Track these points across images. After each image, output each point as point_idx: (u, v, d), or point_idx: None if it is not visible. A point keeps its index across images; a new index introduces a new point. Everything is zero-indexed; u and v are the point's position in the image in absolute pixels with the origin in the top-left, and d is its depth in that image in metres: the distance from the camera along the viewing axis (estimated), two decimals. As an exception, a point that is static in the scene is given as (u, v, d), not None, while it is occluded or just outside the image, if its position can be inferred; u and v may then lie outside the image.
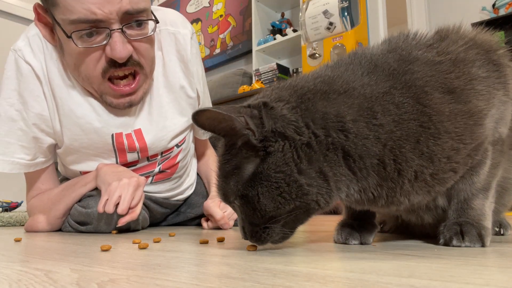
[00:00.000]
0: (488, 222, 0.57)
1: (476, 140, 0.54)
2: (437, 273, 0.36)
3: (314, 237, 0.76)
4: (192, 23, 3.88)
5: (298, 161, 0.48)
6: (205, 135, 1.22)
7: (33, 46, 0.94)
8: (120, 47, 0.83)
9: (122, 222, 0.87)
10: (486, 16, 2.87)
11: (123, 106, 0.93)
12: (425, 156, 0.51)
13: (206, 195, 1.24)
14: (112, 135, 0.98)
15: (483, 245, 0.54)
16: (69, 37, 0.82)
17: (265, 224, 0.51)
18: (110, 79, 0.90)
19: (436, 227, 0.59)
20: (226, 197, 0.53)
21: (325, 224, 1.25)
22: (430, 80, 0.53)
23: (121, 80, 0.90)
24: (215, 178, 0.55)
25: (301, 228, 1.07)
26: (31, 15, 0.93)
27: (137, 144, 1.01)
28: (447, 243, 0.54)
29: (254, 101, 0.51)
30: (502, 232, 0.71)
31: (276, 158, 0.48)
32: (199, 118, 0.48)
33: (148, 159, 1.05)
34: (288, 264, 0.42)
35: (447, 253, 0.49)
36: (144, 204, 1.09)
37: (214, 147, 1.32)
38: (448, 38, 0.58)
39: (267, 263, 0.43)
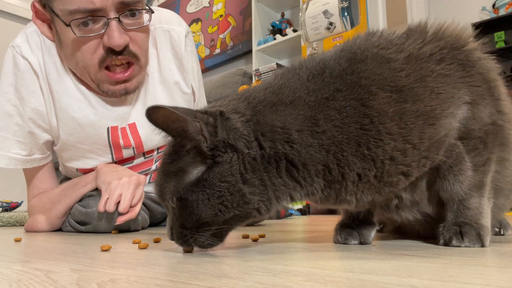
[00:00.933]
0: (486, 221, 0.56)
1: (428, 140, 0.51)
2: (437, 273, 0.36)
3: (314, 237, 0.76)
4: (192, 23, 3.87)
5: (244, 172, 0.49)
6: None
7: (31, 42, 0.95)
8: (117, 36, 0.84)
9: (120, 220, 0.87)
10: (486, 16, 2.87)
11: (119, 93, 0.94)
12: (367, 158, 0.50)
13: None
14: (108, 128, 0.99)
15: (482, 245, 0.53)
16: (68, 25, 0.83)
17: (197, 229, 0.51)
18: (107, 67, 0.91)
19: (428, 228, 0.61)
20: (162, 195, 0.53)
21: (325, 224, 1.25)
22: (377, 79, 0.51)
23: (117, 67, 0.91)
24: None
25: (301, 228, 1.08)
26: (31, 15, 0.93)
27: (131, 139, 1.01)
28: (446, 244, 0.54)
29: (211, 108, 0.52)
30: (502, 232, 0.71)
31: (222, 169, 0.49)
32: (154, 114, 0.48)
33: (144, 155, 1.06)
34: (288, 264, 0.42)
35: (447, 253, 0.49)
36: (144, 204, 1.09)
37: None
38: (412, 36, 0.56)
39: (267, 263, 0.43)
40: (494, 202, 0.62)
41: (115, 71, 0.91)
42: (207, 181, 0.49)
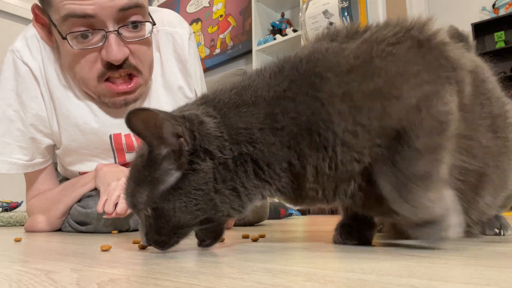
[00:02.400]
0: (447, 214, 0.50)
1: (376, 121, 0.48)
2: (437, 273, 0.36)
3: (314, 237, 0.76)
4: (192, 23, 3.88)
5: (215, 181, 0.49)
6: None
7: (31, 47, 0.94)
8: (115, 50, 0.82)
9: (107, 216, 0.86)
10: (486, 16, 2.87)
11: (119, 104, 0.93)
12: (319, 147, 0.49)
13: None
14: (110, 135, 0.98)
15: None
16: (64, 38, 0.82)
17: (174, 234, 0.51)
18: (107, 79, 0.89)
19: None
20: (134, 205, 0.52)
21: (325, 224, 1.25)
22: (329, 65, 0.50)
23: (117, 79, 0.90)
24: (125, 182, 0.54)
25: (301, 228, 1.08)
26: (31, 15, 0.93)
27: (135, 144, 1.01)
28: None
29: (186, 111, 0.51)
30: (502, 233, 0.71)
31: (198, 177, 0.48)
32: (134, 118, 0.46)
33: None
34: (288, 264, 0.42)
35: (447, 253, 0.49)
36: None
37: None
38: (372, 28, 0.54)
39: (267, 263, 0.43)
40: (482, 196, 0.59)
41: (116, 83, 0.89)
42: (183, 189, 0.48)
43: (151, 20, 0.89)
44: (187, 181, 0.48)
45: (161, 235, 0.51)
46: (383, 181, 0.50)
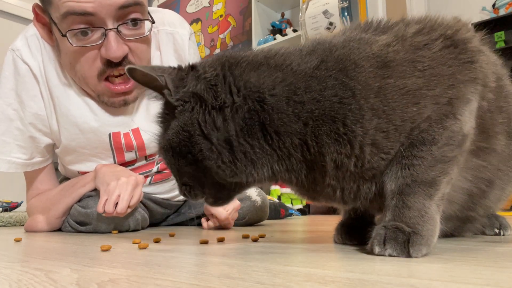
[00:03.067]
0: (427, 228, 0.47)
1: (409, 123, 0.48)
2: (437, 273, 0.36)
3: (314, 237, 0.76)
4: (192, 23, 3.88)
5: (203, 123, 0.48)
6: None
7: (31, 46, 0.94)
8: (115, 47, 0.83)
9: (108, 215, 0.87)
10: (486, 16, 2.87)
11: (118, 104, 0.94)
12: (342, 139, 0.47)
13: (206, 195, 1.24)
14: (109, 134, 0.98)
15: (408, 255, 0.45)
16: (64, 35, 0.82)
17: (182, 180, 0.54)
18: (107, 78, 0.90)
19: None
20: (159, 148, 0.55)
21: (325, 224, 1.25)
22: (365, 54, 0.49)
23: (116, 78, 0.90)
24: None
25: (301, 228, 1.08)
26: (31, 15, 0.93)
27: (134, 143, 1.01)
28: (371, 251, 0.48)
29: (183, 65, 0.53)
30: (502, 233, 0.71)
31: (184, 117, 0.49)
32: (132, 74, 0.52)
33: (146, 158, 1.06)
34: (288, 264, 0.42)
35: (447, 253, 0.49)
36: (144, 204, 1.09)
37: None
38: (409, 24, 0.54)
39: (267, 263, 0.43)
40: (488, 195, 0.60)
41: (114, 82, 0.90)
42: (174, 129, 0.50)
43: (150, 19, 0.89)
44: (176, 122, 0.50)
45: (174, 175, 0.54)
46: (389, 180, 0.50)
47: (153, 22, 0.90)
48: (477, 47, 0.53)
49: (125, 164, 1.03)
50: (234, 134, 0.48)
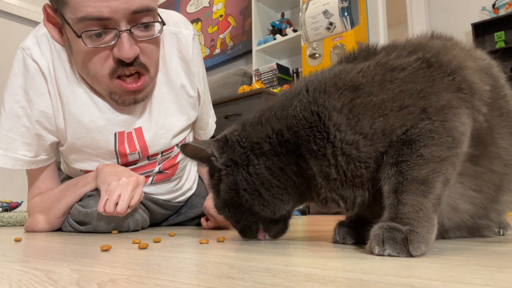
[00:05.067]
0: (423, 225, 0.47)
1: (380, 131, 0.52)
2: (437, 273, 0.36)
3: (314, 237, 0.76)
4: (192, 23, 3.87)
5: (241, 182, 0.61)
6: (205, 136, 1.23)
7: (41, 45, 0.95)
8: (127, 48, 0.84)
9: (107, 213, 0.87)
10: (486, 16, 2.87)
11: (128, 102, 0.94)
12: (318, 155, 0.56)
13: (206, 195, 1.24)
14: (115, 134, 0.99)
15: (408, 253, 0.46)
16: (79, 36, 0.83)
17: (240, 226, 0.67)
18: (118, 77, 0.91)
19: None
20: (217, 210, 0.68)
21: (325, 224, 1.25)
22: (337, 82, 0.56)
23: (127, 78, 0.91)
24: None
25: (301, 228, 1.08)
26: (31, 15, 0.93)
27: (137, 145, 1.01)
28: (371, 251, 0.48)
29: (219, 135, 0.66)
30: (502, 232, 0.71)
31: (229, 179, 0.62)
32: (185, 150, 0.66)
33: (148, 158, 1.06)
34: (288, 264, 0.42)
35: (447, 253, 0.49)
36: (144, 205, 1.09)
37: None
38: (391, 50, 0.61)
39: (267, 263, 0.43)
40: (497, 200, 0.61)
41: (125, 81, 0.91)
42: (224, 190, 0.63)
43: (161, 20, 0.90)
44: (223, 184, 0.63)
45: (233, 225, 0.68)
46: (384, 182, 0.52)
47: (163, 24, 0.91)
48: (457, 65, 0.57)
49: (128, 164, 1.04)
50: (259, 184, 0.60)
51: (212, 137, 0.68)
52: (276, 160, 0.59)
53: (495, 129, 0.60)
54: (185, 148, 0.64)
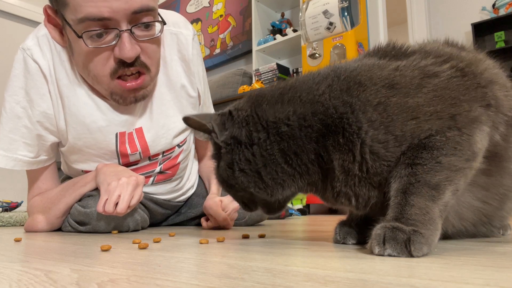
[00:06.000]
0: (428, 228, 0.47)
1: (409, 134, 0.51)
2: (437, 273, 0.36)
3: (314, 237, 0.76)
4: (192, 23, 3.88)
5: (240, 162, 0.57)
6: (204, 137, 1.23)
7: (41, 45, 0.95)
8: (128, 48, 0.84)
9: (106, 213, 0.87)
10: (486, 16, 2.87)
11: (129, 102, 0.94)
12: (343, 149, 0.53)
13: (206, 195, 1.24)
14: (116, 134, 0.99)
15: (409, 254, 0.45)
16: (79, 37, 0.83)
17: (239, 200, 0.64)
18: (119, 77, 0.91)
19: None
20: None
21: (325, 224, 1.25)
22: (372, 76, 0.54)
23: (128, 77, 0.91)
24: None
25: (301, 228, 1.08)
26: (31, 15, 0.93)
27: (138, 145, 1.02)
28: (371, 251, 0.48)
29: (224, 110, 0.61)
30: (501, 233, 0.71)
31: (227, 158, 0.58)
32: (187, 122, 0.63)
33: (149, 158, 1.06)
34: (288, 264, 0.42)
35: (447, 253, 0.49)
36: (144, 205, 1.09)
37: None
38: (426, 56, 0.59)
39: (267, 263, 0.43)
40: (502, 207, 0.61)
41: (126, 80, 0.91)
42: (222, 167, 0.59)
43: (161, 20, 0.90)
44: (222, 161, 0.59)
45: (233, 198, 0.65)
46: (394, 180, 0.52)
47: (164, 23, 0.91)
48: (488, 78, 0.57)
49: (129, 164, 1.04)
50: (262, 166, 0.56)
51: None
52: (292, 144, 0.55)
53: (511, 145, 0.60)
54: (187, 120, 0.62)
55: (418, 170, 0.50)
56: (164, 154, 1.08)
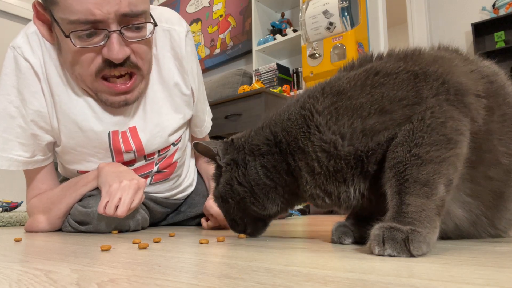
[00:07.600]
0: (425, 226, 0.47)
1: (359, 131, 0.56)
2: (437, 273, 0.36)
3: (314, 237, 0.76)
4: (192, 23, 3.88)
5: (237, 178, 0.68)
6: (201, 134, 1.22)
7: (32, 43, 0.94)
8: (117, 49, 0.83)
9: (107, 214, 0.87)
10: (486, 16, 2.87)
11: (118, 105, 0.93)
12: (303, 151, 0.61)
13: (207, 195, 1.24)
14: (109, 133, 0.98)
15: (409, 253, 0.45)
16: (67, 36, 0.82)
17: (230, 217, 0.74)
18: (106, 78, 0.90)
19: None
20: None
21: (325, 224, 1.25)
22: (323, 88, 0.62)
23: (117, 79, 0.90)
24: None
25: (301, 228, 1.08)
26: (31, 15, 0.92)
27: (132, 144, 1.01)
28: (371, 251, 0.48)
29: (228, 138, 0.74)
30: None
31: (227, 175, 0.70)
32: (197, 148, 0.75)
33: (145, 158, 1.05)
34: (288, 264, 0.42)
35: (447, 253, 0.49)
36: (144, 204, 1.09)
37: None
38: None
39: (267, 263, 0.43)
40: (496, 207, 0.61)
41: (115, 83, 0.90)
42: (222, 183, 0.71)
43: (153, 21, 0.89)
44: (223, 178, 0.71)
45: (224, 215, 0.75)
46: (386, 185, 0.53)
47: (155, 25, 0.90)
48: (442, 71, 0.58)
49: (124, 163, 1.03)
50: (253, 182, 0.67)
51: (221, 138, 0.74)
52: (270, 159, 0.65)
53: (495, 135, 0.59)
54: (197, 146, 0.74)
55: (399, 168, 0.51)
56: (160, 153, 1.07)
